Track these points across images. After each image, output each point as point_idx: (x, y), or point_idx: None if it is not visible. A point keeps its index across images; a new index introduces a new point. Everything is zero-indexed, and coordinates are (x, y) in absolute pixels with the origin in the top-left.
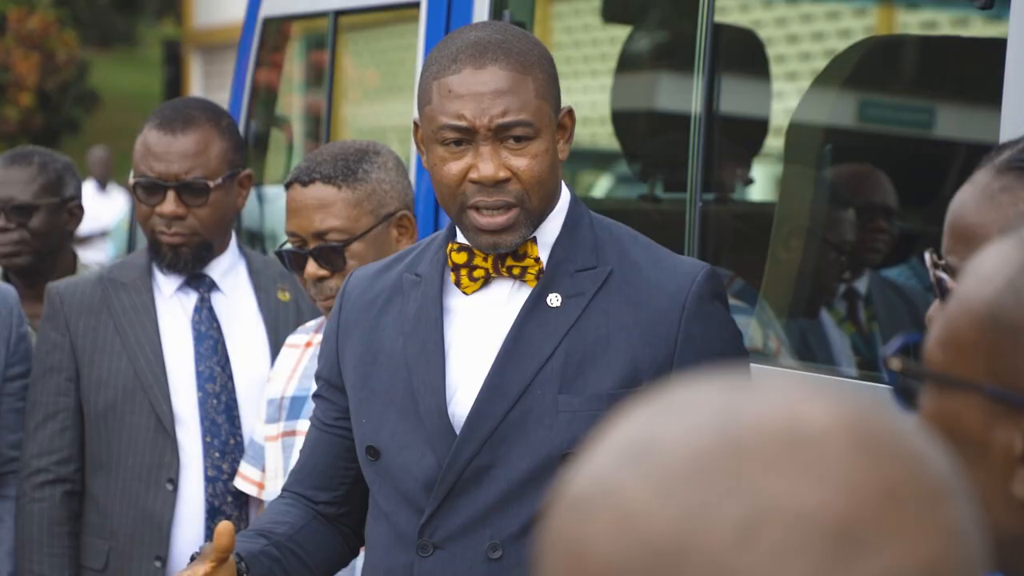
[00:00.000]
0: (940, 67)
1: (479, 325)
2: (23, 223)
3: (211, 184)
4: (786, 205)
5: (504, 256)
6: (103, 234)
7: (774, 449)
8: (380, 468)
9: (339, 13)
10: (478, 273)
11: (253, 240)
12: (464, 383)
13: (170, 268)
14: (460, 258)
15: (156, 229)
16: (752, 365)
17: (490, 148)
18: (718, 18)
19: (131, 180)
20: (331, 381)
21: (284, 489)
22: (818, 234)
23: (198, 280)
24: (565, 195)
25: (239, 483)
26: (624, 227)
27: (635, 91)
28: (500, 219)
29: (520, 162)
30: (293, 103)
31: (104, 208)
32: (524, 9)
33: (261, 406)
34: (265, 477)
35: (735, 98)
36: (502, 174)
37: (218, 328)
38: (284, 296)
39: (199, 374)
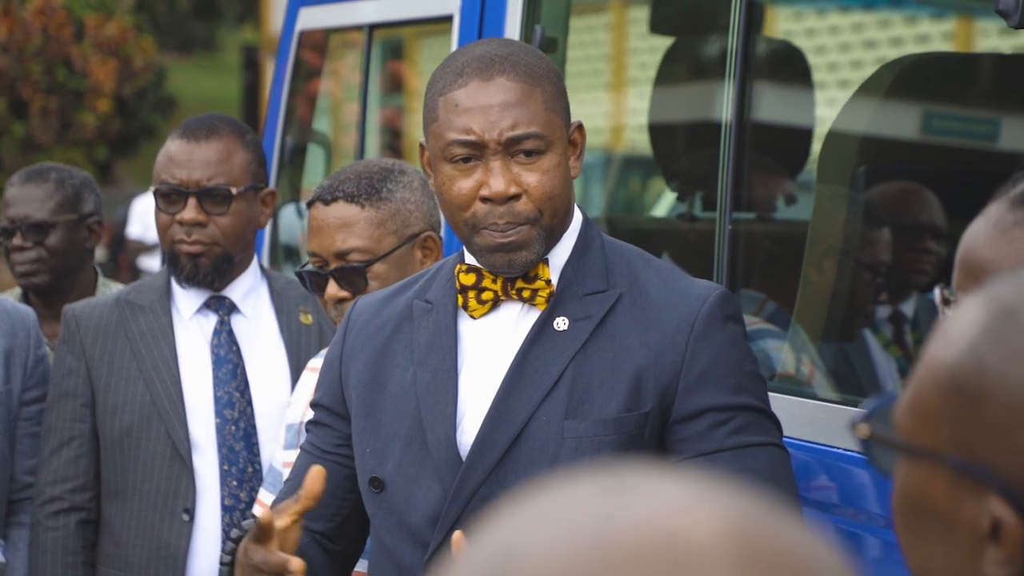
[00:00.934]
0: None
1: (487, 350)
2: (40, 241)
3: (233, 191)
4: (818, 223)
5: (514, 278)
6: None
7: (650, 565)
8: (384, 501)
9: (373, 27)
10: (487, 296)
11: (291, 256)
12: (471, 411)
13: (189, 281)
14: (468, 279)
15: (176, 238)
16: (786, 394)
17: (500, 163)
18: (760, 29)
19: (151, 189)
20: (332, 408)
21: None
22: (852, 254)
23: (218, 302)
24: (577, 216)
25: (258, 511)
26: (637, 250)
27: (673, 103)
28: (513, 236)
29: (531, 177)
30: (347, 114)
31: None
32: (557, 23)
33: (280, 432)
34: None
35: (777, 109)
36: (513, 189)
37: (237, 352)
38: (307, 319)
39: (217, 399)
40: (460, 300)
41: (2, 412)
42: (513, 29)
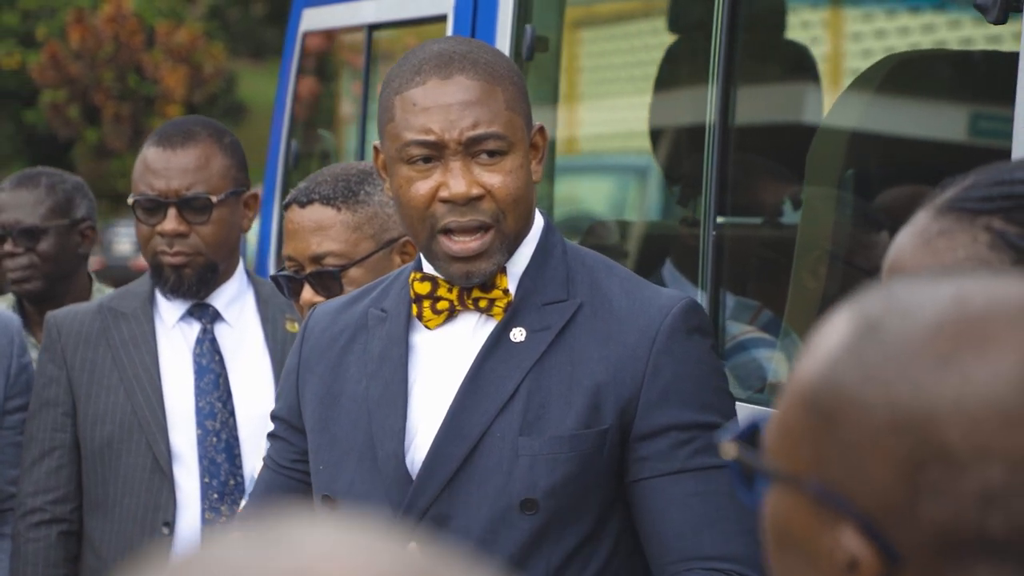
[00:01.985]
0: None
1: (442, 363)
2: (31, 247)
3: (214, 199)
4: (808, 227)
5: (471, 287)
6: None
7: None
8: None
9: (373, 27)
10: (442, 305)
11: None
12: (423, 426)
13: (173, 292)
14: (423, 288)
15: (157, 250)
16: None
17: (461, 164)
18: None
19: (130, 200)
20: (290, 422)
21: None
22: (847, 259)
23: (201, 310)
24: (538, 222)
25: None
26: (602, 258)
27: (671, 106)
28: (474, 244)
29: (494, 179)
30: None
31: None
32: (549, 23)
33: (264, 441)
34: None
35: (784, 109)
36: (475, 191)
37: (220, 361)
38: (293, 327)
39: (199, 410)
40: (415, 310)
41: None
42: (505, 28)
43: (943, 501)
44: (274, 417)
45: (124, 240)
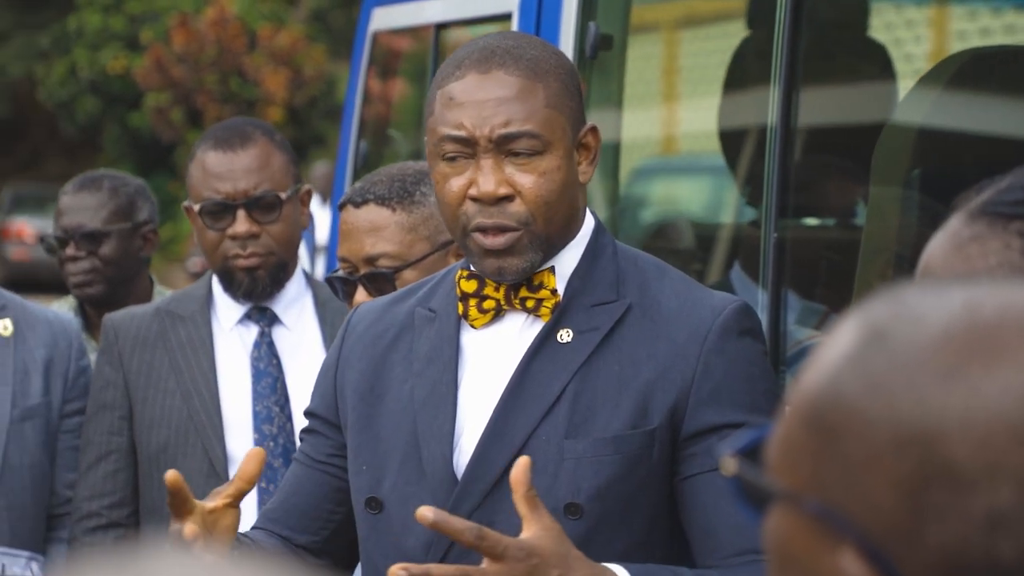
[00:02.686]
0: None
1: (488, 363)
2: (93, 251)
3: (282, 196)
4: (874, 229)
5: (518, 287)
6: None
7: None
8: (380, 522)
9: (440, 26)
10: (488, 304)
11: None
12: (469, 428)
13: (248, 297)
14: (469, 286)
15: (229, 254)
16: None
17: (492, 162)
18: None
19: (193, 207)
20: (326, 418)
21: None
22: (909, 260)
23: (259, 313)
24: (589, 222)
25: None
26: (654, 260)
27: (738, 105)
28: (500, 239)
29: (525, 179)
30: None
31: (324, 222)
32: (614, 21)
33: None
34: None
35: (858, 109)
36: (503, 191)
37: (278, 365)
38: None
39: (256, 414)
40: (461, 308)
41: (40, 424)
42: (568, 26)
43: (949, 523)
44: (308, 413)
45: None
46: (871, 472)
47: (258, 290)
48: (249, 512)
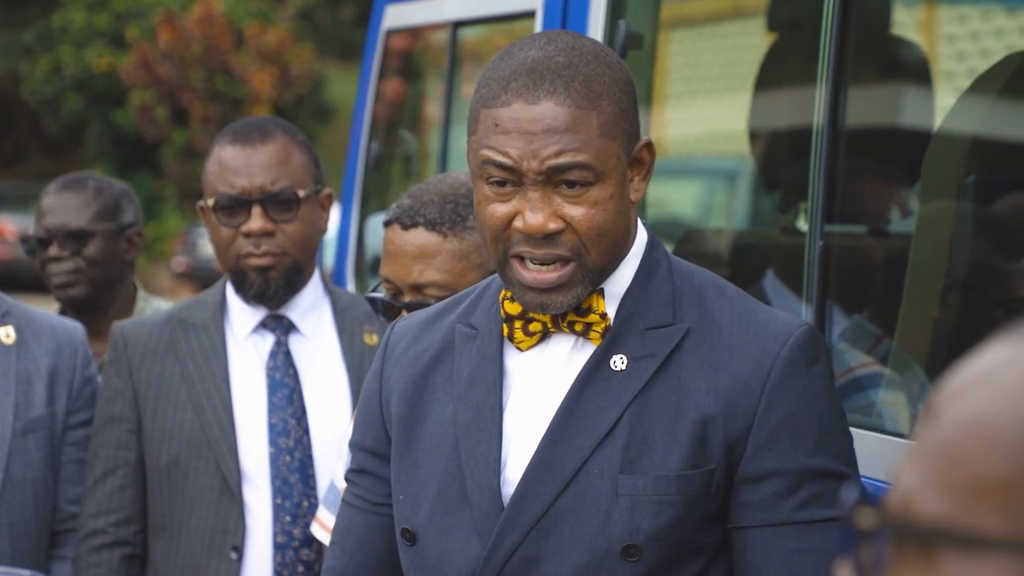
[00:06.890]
0: None
1: (536, 387)
2: (77, 251)
3: (301, 194)
4: (923, 242)
5: (565, 311)
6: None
7: None
8: (416, 555)
9: (458, 24)
10: (534, 327)
11: None
12: (515, 456)
13: (258, 299)
14: (514, 309)
15: (242, 253)
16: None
17: (540, 194)
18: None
19: (207, 203)
20: (376, 451)
21: None
22: (980, 288)
23: (275, 321)
24: (641, 237)
25: (315, 530)
26: (711, 276)
27: (774, 107)
28: (550, 276)
29: (576, 211)
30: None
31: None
32: (644, 19)
33: (343, 447)
34: None
35: (891, 111)
36: (552, 225)
37: (295, 375)
38: (371, 339)
39: (271, 427)
40: (506, 330)
41: (44, 436)
42: (596, 25)
43: None
44: (358, 448)
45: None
46: None
47: (270, 292)
48: (264, 527)
